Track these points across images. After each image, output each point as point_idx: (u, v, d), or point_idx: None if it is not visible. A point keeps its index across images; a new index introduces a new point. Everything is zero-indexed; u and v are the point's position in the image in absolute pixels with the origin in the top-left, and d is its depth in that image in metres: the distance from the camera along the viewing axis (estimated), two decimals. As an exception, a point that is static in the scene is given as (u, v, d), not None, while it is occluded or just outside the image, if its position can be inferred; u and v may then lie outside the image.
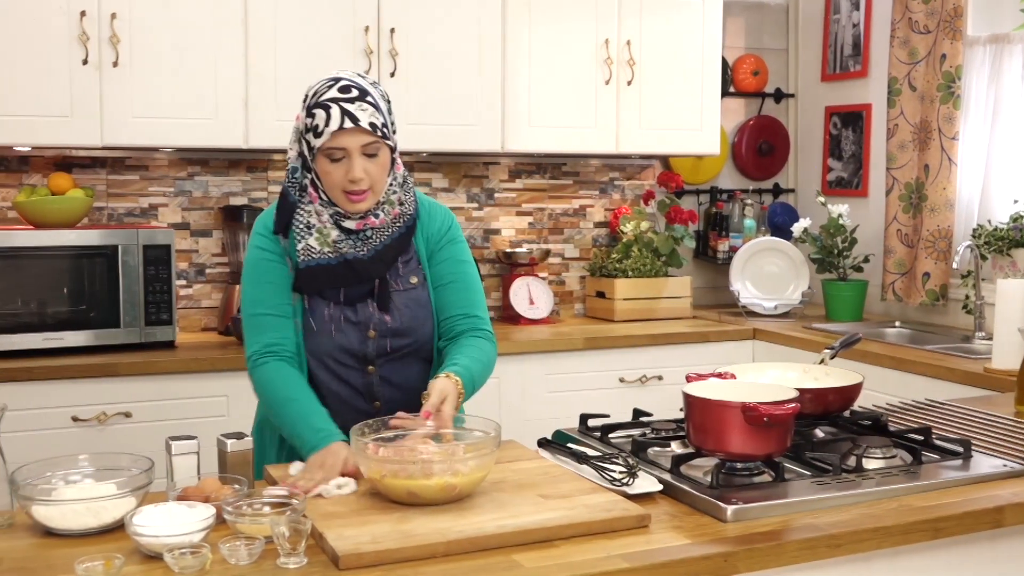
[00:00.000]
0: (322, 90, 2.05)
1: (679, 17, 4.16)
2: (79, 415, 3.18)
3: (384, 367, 2.18)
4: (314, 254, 2.10)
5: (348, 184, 2.04)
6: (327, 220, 2.10)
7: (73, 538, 1.65)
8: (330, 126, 2.00)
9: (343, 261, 2.11)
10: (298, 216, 2.11)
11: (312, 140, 2.04)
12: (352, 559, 1.51)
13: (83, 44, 3.32)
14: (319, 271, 2.10)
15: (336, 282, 2.12)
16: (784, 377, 2.37)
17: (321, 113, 2.02)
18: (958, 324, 4.04)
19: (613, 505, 1.73)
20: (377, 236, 2.14)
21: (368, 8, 3.66)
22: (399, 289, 2.18)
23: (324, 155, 2.04)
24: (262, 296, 2.13)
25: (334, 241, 2.11)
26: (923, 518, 1.76)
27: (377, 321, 2.15)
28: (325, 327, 2.13)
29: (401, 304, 2.17)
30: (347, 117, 2.00)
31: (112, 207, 3.78)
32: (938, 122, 3.99)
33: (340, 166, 2.04)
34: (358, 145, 2.03)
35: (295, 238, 2.11)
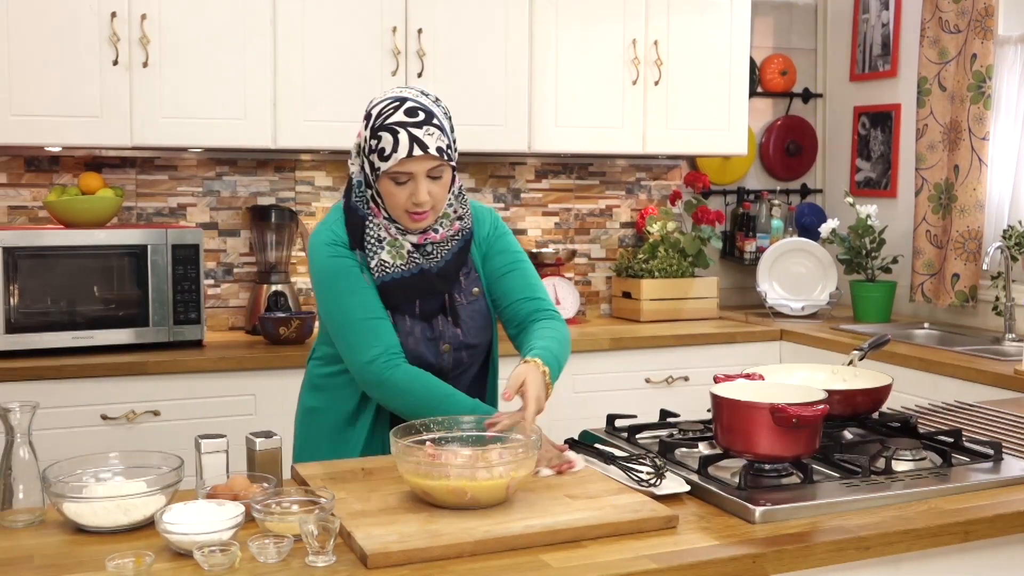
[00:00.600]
0: (387, 112, 2.03)
1: (707, 17, 4.15)
2: (108, 413, 3.20)
3: (454, 380, 2.20)
4: (388, 268, 2.11)
5: (412, 206, 2.05)
6: (396, 232, 2.11)
7: (103, 535, 1.67)
8: (398, 153, 1.99)
9: (419, 271, 2.12)
10: (368, 231, 2.12)
11: (377, 162, 2.04)
12: (380, 558, 1.52)
13: (113, 45, 3.35)
14: (395, 285, 2.11)
15: (413, 294, 2.13)
16: (812, 378, 2.35)
17: (388, 137, 2.00)
18: (987, 326, 4.00)
19: (641, 506, 1.73)
20: (438, 251, 2.15)
21: (396, 8, 3.67)
22: (464, 303, 2.20)
23: (389, 178, 2.04)
24: (366, 302, 2.10)
25: (408, 252, 2.12)
26: (953, 521, 1.74)
27: (451, 335, 2.18)
28: (404, 341, 2.13)
29: (467, 317, 2.20)
30: (415, 144, 1.99)
31: (141, 207, 3.81)
32: (968, 122, 3.96)
33: (404, 188, 2.04)
34: (424, 170, 2.02)
35: (368, 253, 2.12)
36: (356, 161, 2.13)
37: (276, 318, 3.56)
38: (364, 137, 2.08)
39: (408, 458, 1.74)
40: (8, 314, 3.24)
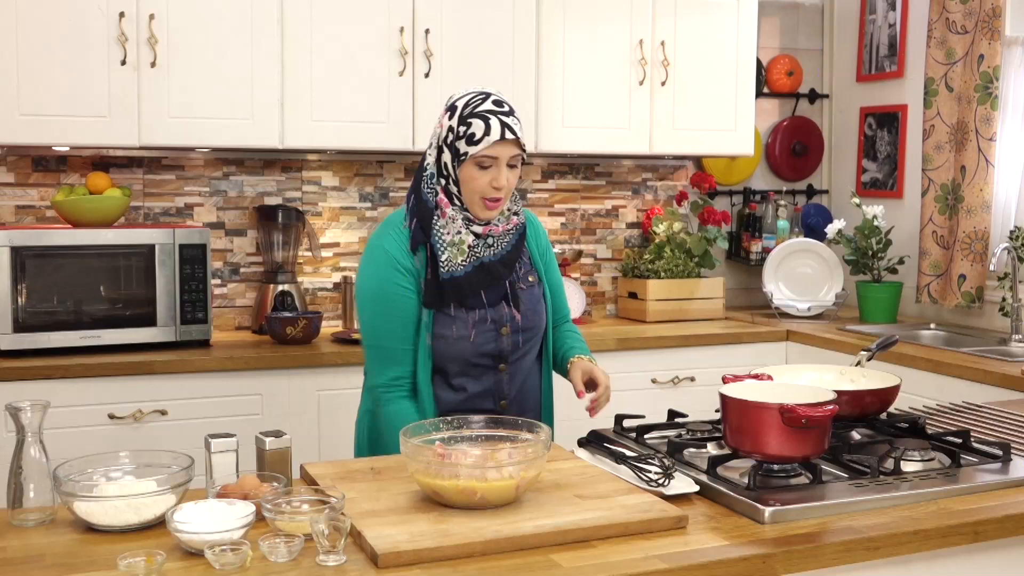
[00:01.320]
0: (475, 102, 2.18)
1: (714, 17, 4.15)
2: (115, 412, 3.21)
3: (512, 365, 2.31)
4: (452, 266, 2.22)
5: (490, 191, 2.18)
6: (461, 224, 2.22)
7: (114, 534, 1.67)
8: (491, 136, 2.14)
9: (480, 265, 2.24)
10: (435, 231, 2.22)
11: (464, 147, 2.16)
12: (391, 557, 1.52)
13: (122, 45, 3.35)
14: (460, 281, 2.22)
15: (476, 287, 2.24)
16: (820, 379, 2.36)
17: (479, 123, 2.15)
18: (994, 327, 4.00)
19: (650, 506, 1.73)
20: (498, 243, 2.27)
21: (403, 9, 3.67)
22: (522, 288, 2.32)
23: (474, 162, 2.17)
24: (393, 328, 2.24)
25: (469, 247, 2.23)
26: (962, 521, 1.75)
27: (510, 319, 2.28)
28: (466, 332, 2.24)
29: (526, 300, 2.32)
30: (507, 129, 2.15)
31: (148, 206, 3.82)
32: (975, 123, 3.96)
33: (487, 173, 2.17)
34: (508, 156, 2.18)
35: (437, 251, 2.21)
36: (432, 153, 2.25)
37: (283, 318, 3.57)
38: (448, 127, 2.20)
39: (418, 458, 1.74)
40: (16, 313, 3.25)
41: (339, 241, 4.07)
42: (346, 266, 4.08)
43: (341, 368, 3.44)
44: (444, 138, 2.21)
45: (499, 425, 1.92)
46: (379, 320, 2.25)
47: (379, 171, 4.11)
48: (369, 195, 4.10)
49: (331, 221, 4.05)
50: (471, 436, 1.90)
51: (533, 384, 2.39)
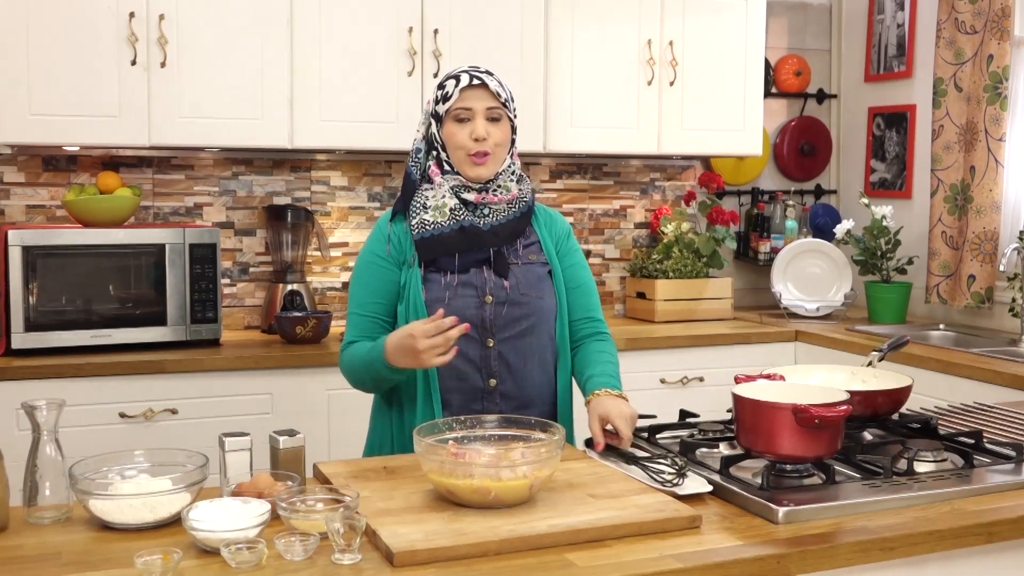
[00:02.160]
0: (453, 70, 2.28)
1: (722, 17, 4.15)
2: (126, 411, 3.22)
3: (503, 343, 2.23)
4: (428, 226, 2.23)
5: (471, 144, 2.20)
6: (447, 191, 2.24)
7: (129, 532, 1.68)
8: (460, 85, 2.20)
9: (459, 228, 2.23)
10: (416, 197, 2.26)
11: (441, 108, 2.23)
12: (406, 556, 1.52)
13: (132, 45, 3.36)
14: (433, 241, 2.22)
15: (450, 248, 2.23)
16: (832, 379, 2.35)
17: (451, 81, 2.23)
18: (1003, 327, 4.00)
19: (664, 506, 1.73)
20: (494, 214, 2.26)
21: (412, 9, 3.67)
22: (515, 263, 2.27)
23: (451, 117, 2.22)
24: (359, 296, 2.30)
25: (451, 210, 2.23)
26: (977, 522, 1.74)
27: (494, 286, 2.24)
28: (441, 294, 2.22)
29: (519, 273, 2.27)
30: (474, 79, 2.21)
31: (158, 206, 3.82)
32: (984, 123, 3.95)
33: (465, 127, 2.21)
34: (483, 107, 2.21)
35: (412, 214, 2.25)
36: (420, 128, 2.31)
37: (293, 317, 3.57)
38: (431, 100, 2.28)
39: (432, 457, 1.74)
40: (27, 312, 3.26)
41: (348, 241, 4.08)
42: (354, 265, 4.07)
43: (351, 368, 3.44)
44: (429, 111, 2.28)
45: (512, 425, 1.93)
46: (353, 287, 2.32)
47: (388, 171, 4.11)
48: (378, 195, 4.10)
49: (340, 221, 4.06)
50: (484, 436, 1.90)
51: (537, 376, 2.27)
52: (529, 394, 2.26)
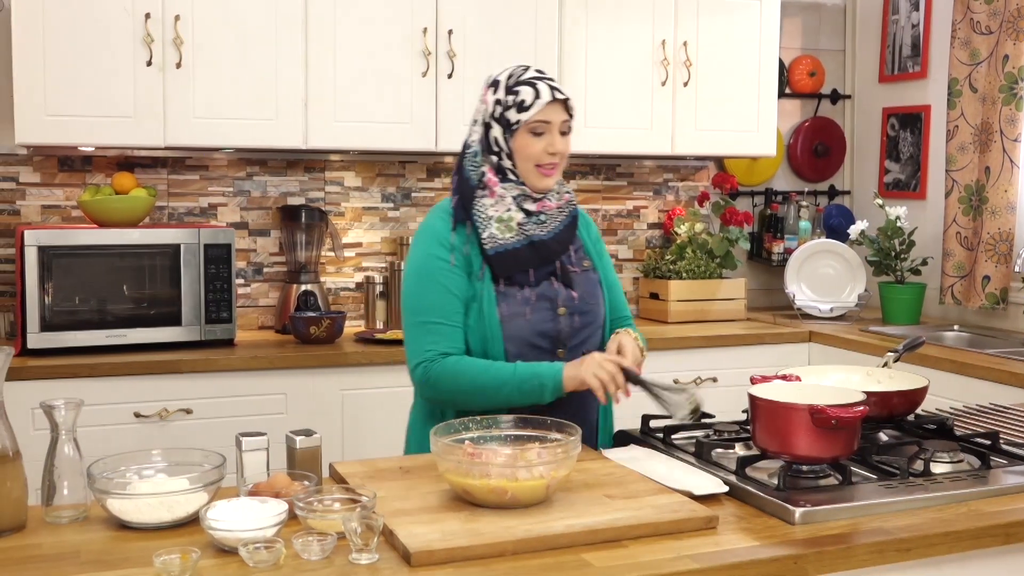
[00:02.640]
0: (518, 72, 2.22)
1: (736, 18, 4.14)
2: (141, 411, 3.23)
3: (571, 351, 2.24)
4: (499, 240, 2.19)
5: (546, 157, 2.19)
6: (511, 203, 2.20)
7: (147, 531, 1.69)
8: (541, 99, 2.16)
9: (529, 243, 2.21)
10: (478, 209, 2.20)
11: (515, 116, 2.17)
12: (423, 556, 1.53)
13: (147, 46, 3.37)
14: (508, 255, 2.20)
15: (525, 264, 2.21)
16: (848, 380, 2.35)
17: (528, 90, 2.17)
18: (1018, 328, 3.98)
19: (680, 506, 1.73)
20: (551, 221, 2.25)
21: (426, 9, 3.68)
22: (575, 271, 2.29)
23: (528, 129, 2.18)
24: (437, 303, 2.17)
25: (519, 224, 2.21)
26: (994, 523, 1.74)
27: (565, 297, 2.24)
28: (519, 309, 2.20)
29: (580, 283, 2.28)
30: (556, 92, 2.18)
31: (172, 206, 3.84)
32: (1000, 124, 3.94)
33: (541, 140, 2.19)
34: (559, 121, 2.20)
35: (478, 228, 2.19)
36: (478, 130, 2.25)
37: (307, 317, 3.58)
38: (495, 100, 2.21)
39: (448, 457, 1.75)
40: (43, 312, 3.27)
41: (361, 241, 4.08)
42: (368, 266, 4.09)
43: (365, 368, 3.45)
44: (491, 113, 2.21)
45: (528, 425, 1.93)
46: (423, 294, 2.18)
47: (401, 171, 4.12)
48: (391, 195, 4.11)
49: (353, 221, 4.07)
50: (500, 436, 1.91)
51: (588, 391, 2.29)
52: (588, 402, 2.24)
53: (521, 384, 2.08)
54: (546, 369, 2.10)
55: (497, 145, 2.21)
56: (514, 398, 2.09)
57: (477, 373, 2.12)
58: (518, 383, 2.09)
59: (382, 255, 4.10)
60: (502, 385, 2.10)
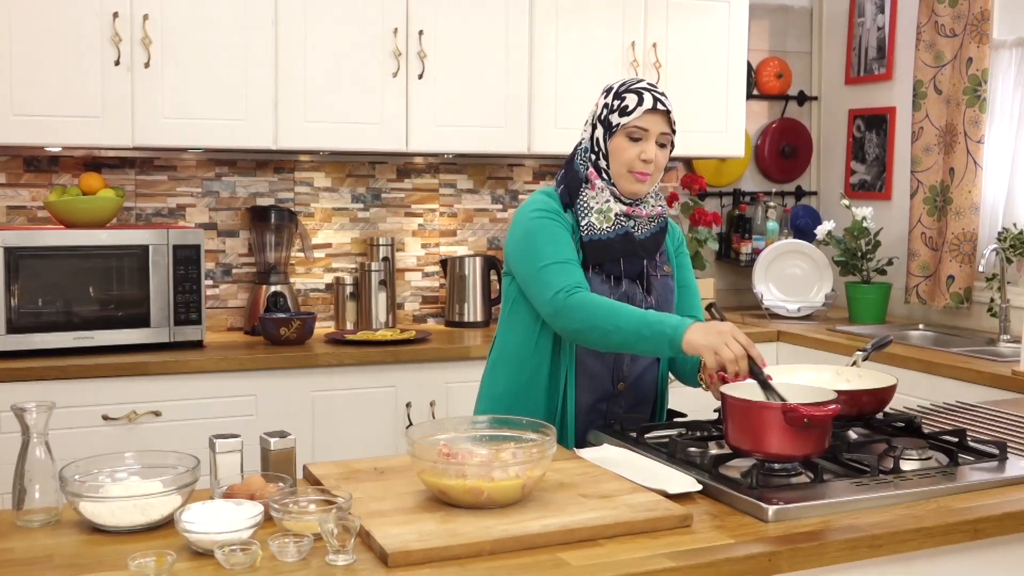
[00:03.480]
0: (631, 81, 2.31)
1: (705, 20, 4.17)
2: (109, 414, 3.20)
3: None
4: (596, 230, 2.30)
5: (639, 163, 2.27)
6: (609, 196, 2.30)
7: (120, 535, 1.67)
8: (643, 105, 2.25)
9: (625, 233, 2.31)
10: (581, 196, 2.31)
11: (616, 119, 2.27)
12: (401, 557, 1.53)
13: (115, 45, 3.35)
14: (602, 244, 2.30)
15: (617, 253, 2.31)
16: (817, 379, 2.37)
17: (633, 96, 2.26)
18: (981, 327, 4.04)
19: (655, 505, 1.74)
20: (640, 228, 2.34)
21: (397, 10, 3.68)
22: (656, 276, 2.38)
23: (625, 133, 2.26)
24: (559, 250, 2.26)
25: (616, 215, 2.30)
26: (963, 519, 1.76)
27: (641, 299, 2.33)
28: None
29: (658, 287, 2.38)
30: (658, 102, 2.26)
31: (140, 207, 3.81)
32: (964, 125, 3.99)
33: (636, 146, 2.27)
34: (658, 131, 2.27)
35: (579, 215, 2.31)
36: (587, 130, 2.36)
37: (277, 319, 3.57)
38: (604, 104, 2.31)
39: (424, 457, 1.75)
40: (9, 314, 3.24)
41: (331, 242, 4.07)
42: (338, 267, 4.08)
43: (335, 369, 3.45)
44: (599, 115, 2.31)
45: (503, 425, 1.93)
46: (543, 243, 2.26)
47: (371, 172, 4.11)
48: (361, 196, 4.10)
49: (323, 222, 4.05)
50: (475, 436, 1.91)
51: (651, 378, 2.42)
52: (645, 393, 2.41)
53: (643, 327, 2.11)
54: (672, 321, 2.11)
55: (598, 145, 2.31)
56: (633, 342, 2.13)
57: (608, 307, 2.16)
58: (640, 326, 2.11)
59: (352, 256, 4.09)
60: (627, 323, 2.12)
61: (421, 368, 3.56)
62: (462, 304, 4.07)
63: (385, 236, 4.09)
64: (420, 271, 4.21)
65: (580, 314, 2.17)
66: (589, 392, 2.34)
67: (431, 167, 4.19)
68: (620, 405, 2.38)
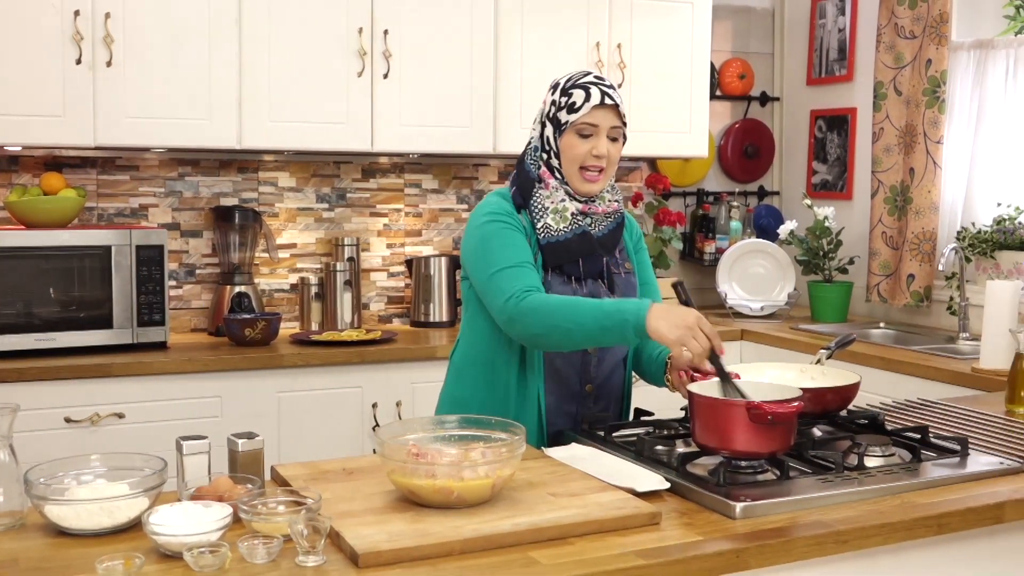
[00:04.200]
0: (576, 76, 2.29)
1: (669, 21, 4.19)
2: (72, 416, 3.17)
3: (601, 349, 2.34)
4: (552, 231, 2.28)
5: (590, 159, 2.25)
6: (563, 195, 2.29)
7: (87, 538, 1.65)
8: (591, 101, 2.22)
9: (582, 233, 2.29)
10: (535, 198, 2.29)
11: (565, 116, 2.25)
12: (371, 557, 1.53)
13: (77, 44, 3.31)
14: (560, 246, 2.28)
15: (576, 254, 2.29)
16: (782, 377, 2.40)
17: (580, 92, 2.24)
18: (941, 325, 4.09)
19: (624, 503, 1.75)
20: (596, 224, 2.33)
21: (362, 9, 3.67)
22: (619, 273, 2.37)
23: (574, 130, 2.25)
24: (516, 254, 2.23)
25: (572, 215, 2.28)
26: (927, 514, 1.79)
27: (605, 297, 2.31)
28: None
29: (621, 284, 2.36)
30: (605, 96, 2.24)
31: (102, 207, 3.77)
32: (923, 126, 4.05)
33: (587, 142, 2.25)
34: (608, 125, 2.25)
35: (534, 217, 2.29)
36: (536, 127, 2.34)
37: (242, 319, 3.54)
38: (551, 101, 2.30)
39: (394, 457, 1.75)
40: (-32, 316, 3.19)
41: (296, 242, 4.05)
42: (303, 267, 4.06)
43: (301, 369, 3.43)
44: (547, 112, 2.30)
45: (472, 425, 1.94)
46: (503, 248, 2.23)
47: (336, 172, 4.09)
48: (326, 196, 4.08)
49: (288, 222, 4.03)
50: (444, 436, 1.91)
51: (618, 379, 2.42)
52: (613, 394, 2.41)
53: (603, 319, 2.09)
54: (631, 307, 2.08)
55: (548, 144, 2.29)
56: (596, 335, 2.12)
57: (564, 305, 2.13)
58: (601, 318, 2.09)
59: (317, 256, 4.08)
60: (585, 318, 2.10)
61: (387, 368, 3.56)
62: (428, 304, 4.07)
63: (350, 236, 4.08)
64: (385, 271, 4.20)
65: (535, 317, 2.13)
66: (557, 395, 2.34)
67: (396, 167, 4.19)
68: (588, 407, 2.37)
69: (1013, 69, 3.87)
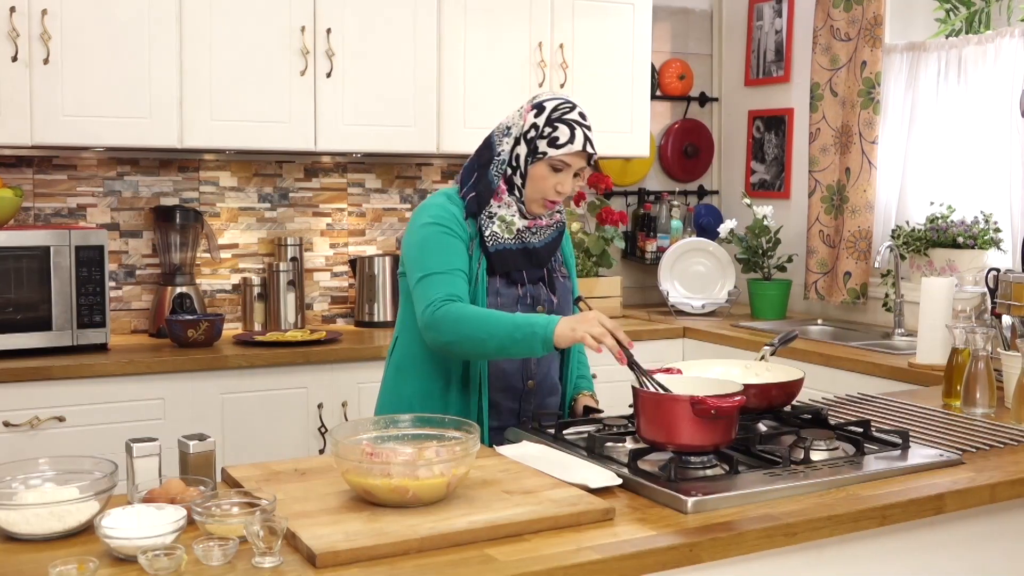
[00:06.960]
0: (564, 109, 2.33)
1: (610, 21, 4.23)
2: (11, 420, 3.11)
3: None
4: (500, 240, 2.36)
5: (554, 193, 2.34)
6: (515, 211, 2.37)
7: (36, 543, 1.63)
8: (574, 145, 2.30)
9: (524, 247, 2.39)
10: (488, 206, 2.35)
11: (544, 147, 2.31)
12: (329, 557, 1.53)
13: (13, 41, 3.25)
14: (507, 255, 2.37)
15: (520, 264, 2.39)
16: (728, 373, 2.44)
17: (566, 129, 2.30)
18: (877, 321, 4.18)
19: (578, 499, 1.77)
20: (539, 235, 2.42)
21: (304, 8, 3.64)
22: (557, 276, 2.48)
23: (548, 164, 2.32)
24: (448, 260, 2.30)
25: (518, 230, 2.37)
26: (871, 506, 1.83)
27: (546, 299, 2.43)
28: (511, 307, 2.37)
29: (560, 288, 2.48)
30: (588, 144, 2.33)
31: (39, 207, 3.70)
32: (859, 126, 4.13)
33: (555, 177, 2.33)
34: (579, 166, 2.35)
35: (482, 224, 2.36)
36: (508, 141, 2.37)
37: (184, 320, 3.50)
38: (532, 124, 2.33)
39: (349, 457, 1.75)
40: (-99, 319, 3.12)
41: (238, 242, 4.02)
42: (245, 267, 4.02)
43: (245, 371, 3.40)
44: (525, 132, 2.34)
45: (426, 424, 1.94)
46: (427, 253, 2.30)
47: (278, 171, 4.07)
48: (268, 195, 4.05)
49: (229, 222, 4.00)
50: (398, 435, 1.92)
51: (555, 373, 2.50)
52: (552, 388, 2.49)
53: (514, 331, 2.16)
54: (541, 320, 2.17)
55: (517, 162, 2.34)
56: (507, 346, 2.18)
57: (476, 317, 2.21)
58: (512, 330, 2.17)
59: (259, 256, 4.04)
60: (498, 329, 2.18)
61: (332, 369, 3.54)
62: (372, 304, 4.06)
63: (293, 236, 4.05)
64: (329, 271, 4.18)
65: (448, 327, 2.21)
66: (501, 392, 2.40)
67: (339, 166, 4.17)
68: (531, 402, 2.43)
69: (944, 71, 3.97)
